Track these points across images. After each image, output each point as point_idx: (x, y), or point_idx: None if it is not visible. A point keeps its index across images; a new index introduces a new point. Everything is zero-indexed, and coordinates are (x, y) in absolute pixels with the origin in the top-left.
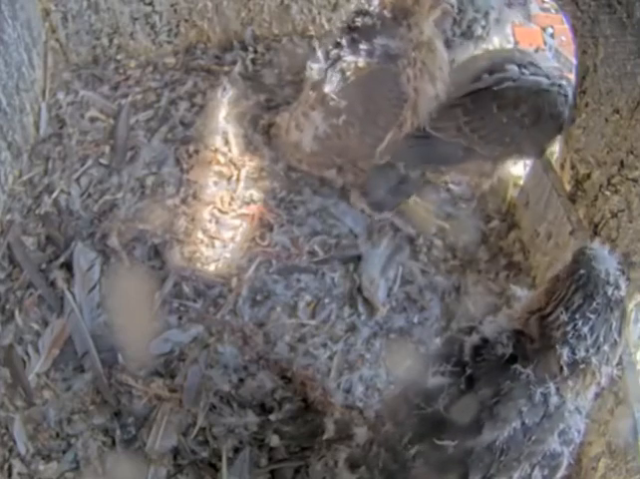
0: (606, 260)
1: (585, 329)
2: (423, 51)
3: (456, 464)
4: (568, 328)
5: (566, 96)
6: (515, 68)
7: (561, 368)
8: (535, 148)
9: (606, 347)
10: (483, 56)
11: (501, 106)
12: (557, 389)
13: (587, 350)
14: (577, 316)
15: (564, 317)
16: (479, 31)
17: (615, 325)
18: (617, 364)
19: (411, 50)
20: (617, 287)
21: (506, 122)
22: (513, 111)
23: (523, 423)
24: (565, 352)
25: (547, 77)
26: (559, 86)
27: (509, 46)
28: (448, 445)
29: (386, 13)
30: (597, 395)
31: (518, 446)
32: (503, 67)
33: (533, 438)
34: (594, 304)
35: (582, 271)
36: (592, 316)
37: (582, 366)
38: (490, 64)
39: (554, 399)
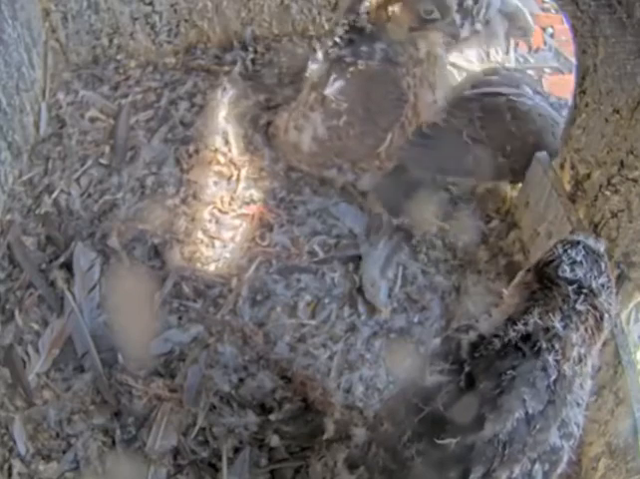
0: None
1: (579, 257)
2: (424, 65)
3: (456, 461)
4: (564, 258)
5: None
6: (530, 90)
7: (567, 296)
8: (521, 172)
9: (602, 279)
10: (487, 71)
11: (515, 116)
12: (558, 348)
13: (585, 274)
14: (569, 250)
15: (558, 251)
16: (480, 16)
17: (604, 267)
18: (618, 363)
19: (411, 65)
20: (593, 241)
21: (514, 132)
22: (523, 124)
23: (527, 412)
24: (568, 275)
25: (555, 109)
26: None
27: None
28: (449, 443)
29: (368, 25)
30: (596, 394)
31: (522, 437)
32: (519, 85)
33: (538, 426)
34: (581, 245)
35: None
36: (582, 250)
37: (585, 292)
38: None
39: (555, 372)
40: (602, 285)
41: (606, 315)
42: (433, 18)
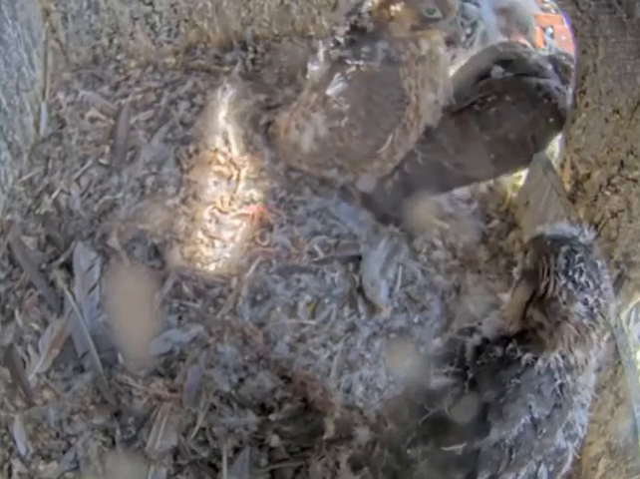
0: (559, 228)
1: (583, 279)
2: (426, 64)
3: (462, 464)
4: (570, 286)
5: (554, 89)
6: (500, 68)
7: (582, 326)
8: (528, 155)
9: (604, 285)
10: (483, 55)
11: (484, 126)
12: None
13: (593, 296)
14: (570, 273)
15: (561, 281)
16: (462, 38)
17: (600, 264)
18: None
19: (413, 63)
20: (583, 234)
21: (490, 140)
22: (496, 129)
23: (533, 418)
24: (579, 308)
25: (535, 74)
26: (544, 78)
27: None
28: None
29: (370, 25)
30: (596, 394)
31: (529, 441)
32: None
33: (545, 431)
34: (578, 254)
35: (547, 242)
36: (581, 264)
37: (597, 314)
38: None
39: (561, 377)
40: (607, 290)
41: (608, 317)
42: (435, 17)
